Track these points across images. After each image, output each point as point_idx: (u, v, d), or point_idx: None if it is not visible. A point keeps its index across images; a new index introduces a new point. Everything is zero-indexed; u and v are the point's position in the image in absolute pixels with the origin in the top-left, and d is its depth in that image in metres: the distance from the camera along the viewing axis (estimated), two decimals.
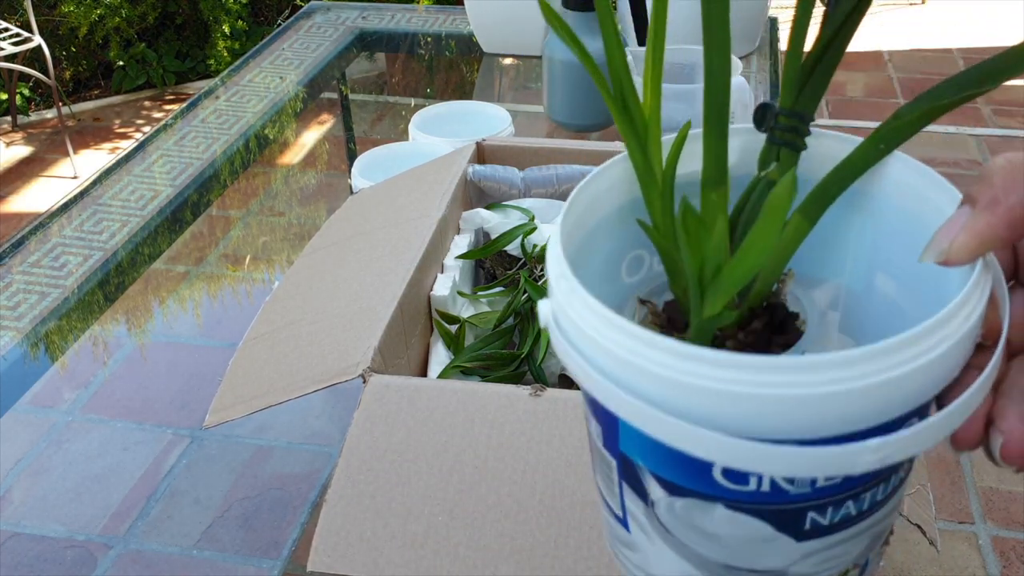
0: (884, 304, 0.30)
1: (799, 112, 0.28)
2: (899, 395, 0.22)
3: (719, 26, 0.26)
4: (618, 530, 0.29)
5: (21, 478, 0.72)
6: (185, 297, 0.93)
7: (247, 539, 0.67)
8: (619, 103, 0.28)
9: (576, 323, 0.24)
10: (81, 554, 0.66)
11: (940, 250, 0.26)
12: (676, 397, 0.22)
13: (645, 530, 0.27)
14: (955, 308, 0.23)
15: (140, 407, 0.79)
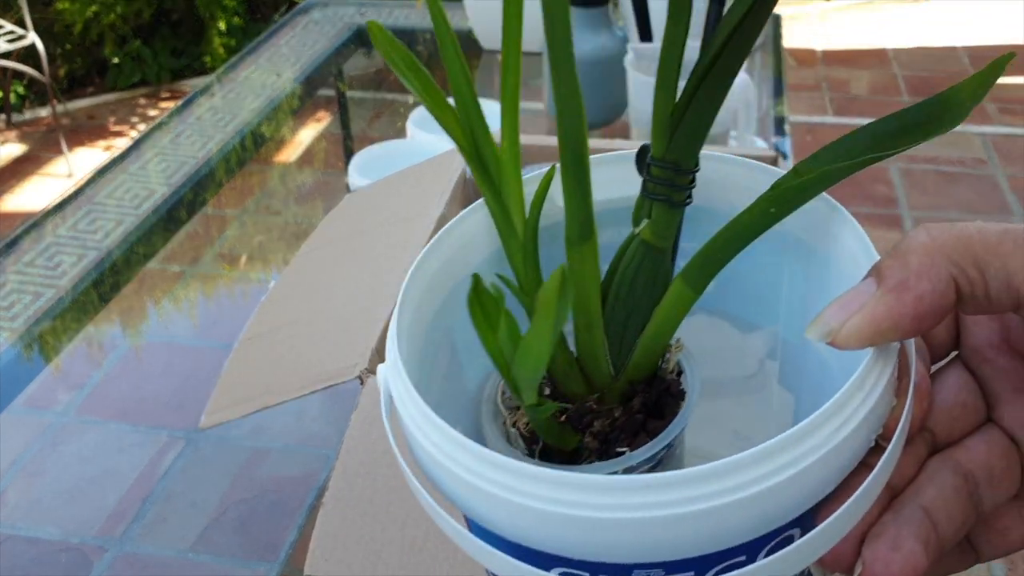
0: (817, 361, 0.27)
1: (671, 161, 0.23)
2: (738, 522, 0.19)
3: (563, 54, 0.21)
4: None
5: (15, 480, 0.72)
6: (180, 297, 0.92)
7: (243, 542, 0.66)
8: (472, 152, 0.24)
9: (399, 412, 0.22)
10: (76, 557, 0.66)
11: (827, 329, 0.21)
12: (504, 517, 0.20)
13: None
14: (827, 413, 0.20)
15: (135, 408, 0.78)
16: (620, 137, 1.05)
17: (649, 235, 0.24)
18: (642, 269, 0.24)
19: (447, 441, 0.21)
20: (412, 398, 0.22)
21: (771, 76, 1.25)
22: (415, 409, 0.22)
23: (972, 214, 1.07)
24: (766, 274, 0.27)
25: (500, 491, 0.20)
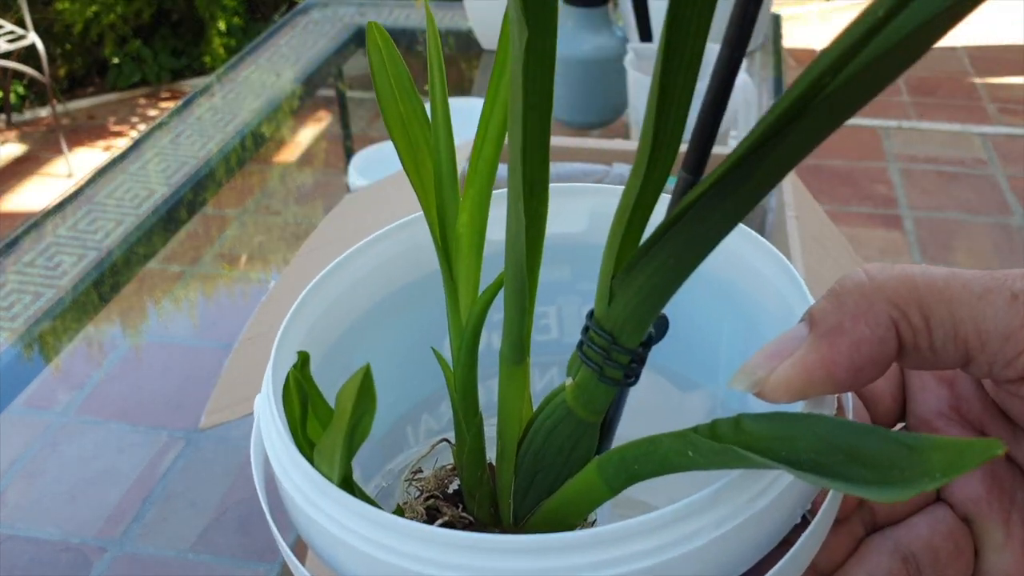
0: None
1: (608, 331, 0.19)
2: None
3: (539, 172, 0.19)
4: None
5: (15, 480, 0.71)
6: (180, 297, 0.92)
7: (243, 542, 0.66)
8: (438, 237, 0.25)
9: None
10: (76, 557, 0.66)
11: (754, 379, 0.19)
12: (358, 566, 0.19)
13: None
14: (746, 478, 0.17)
15: (135, 408, 0.78)
16: (620, 137, 1.05)
17: (573, 401, 0.20)
18: (558, 432, 0.21)
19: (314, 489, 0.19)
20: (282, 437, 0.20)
21: (771, 76, 1.25)
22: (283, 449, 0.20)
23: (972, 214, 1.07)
24: (704, 327, 0.25)
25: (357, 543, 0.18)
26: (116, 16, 2.93)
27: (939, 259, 0.99)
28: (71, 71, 3.09)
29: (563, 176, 0.73)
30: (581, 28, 1.03)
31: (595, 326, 0.19)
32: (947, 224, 1.05)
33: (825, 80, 0.15)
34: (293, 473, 0.20)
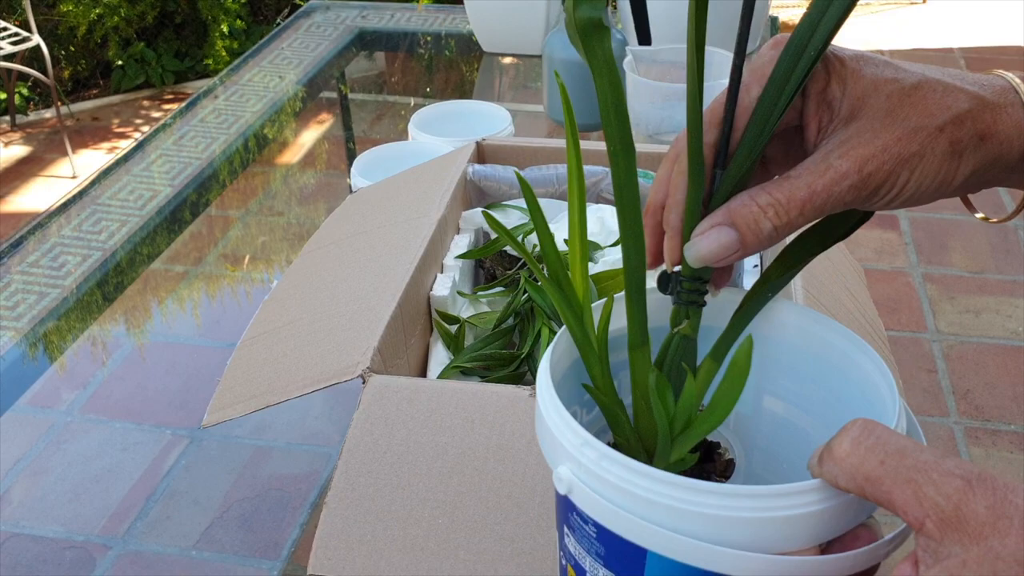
0: (773, 422, 0.35)
1: (699, 277, 0.32)
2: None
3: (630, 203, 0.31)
4: None
5: (20, 478, 0.72)
6: (184, 297, 0.93)
7: (246, 540, 0.67)
8: (554, 286, 0.32)
9: (610, 481, 0.28)
10: (80, 555, 0.66)
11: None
12: (703, 529, 0.26)
13: None
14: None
15: (139, 407, 0.79)
16: None
17: (689, 331, 0.33)
18: (686, 354, 0.33)
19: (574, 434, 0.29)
20: (555, 403, 0.30)
21: None
22: (555, 410, 0.30)
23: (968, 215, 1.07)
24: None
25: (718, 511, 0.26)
26: (120, 18, 2.94)
27: (935, 260, 0.99)
28: (75, 73, 3.10)
29: (562, 178, 0.74)
30: None
31: (688, 279, 0.32)
32: (943, 225, 1.06)
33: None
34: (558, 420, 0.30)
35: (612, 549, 0.29)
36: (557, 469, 0.29)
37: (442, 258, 0.66)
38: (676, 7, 1.19)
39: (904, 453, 0.25)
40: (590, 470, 0.28)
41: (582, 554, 0.30)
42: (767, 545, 0.26)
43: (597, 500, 0.28)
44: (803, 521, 0.26)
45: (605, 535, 0.28)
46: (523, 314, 0.63)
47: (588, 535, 0.29)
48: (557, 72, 1.06)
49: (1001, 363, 0.86)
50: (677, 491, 0.26)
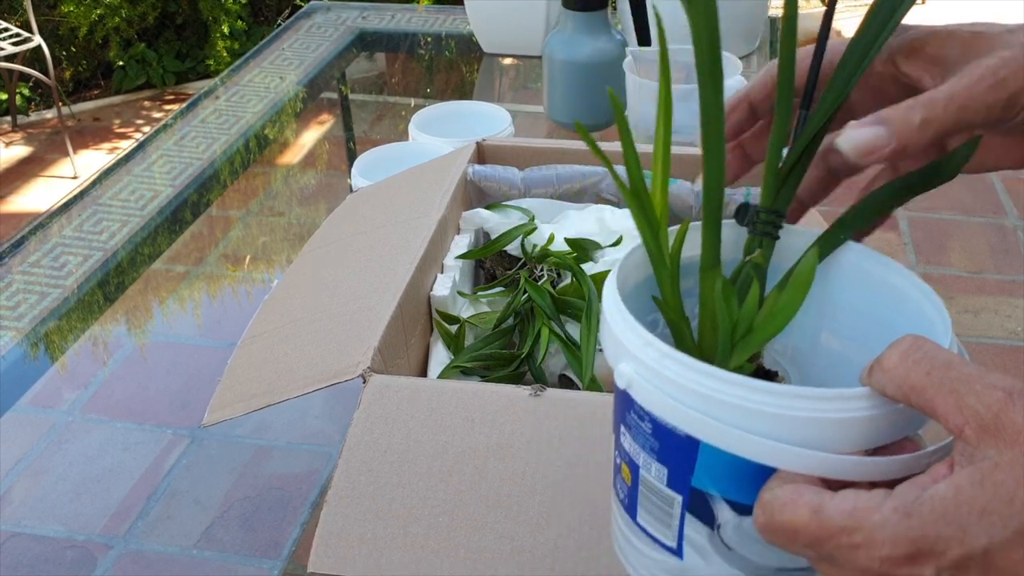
0: (829, 357, 0.37)
1: (776, 210, 0.35)
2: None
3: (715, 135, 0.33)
4: (665, 561, 0.33)
5: (21, 478, 0.72)
6: (185, 297, 0.93)
7: (247, 539, 0.67)
8: (635, 200, 0.33)
9: (670, 378, 0.29)
10: (81, 554, 0.66)
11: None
12: (756, 425, 0.28)
13: (703, 552, 0.31)
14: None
15: (140, 407, 0.79)
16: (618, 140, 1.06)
17: (760, 260, 0.35)
18: (754, 282, 0.35)
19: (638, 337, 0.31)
20: (620, 308, 0.32)
21: None
22: (619, 314, 0.32)
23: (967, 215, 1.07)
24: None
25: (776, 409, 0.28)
26: (121, 19, 2.94)
27: (934, 260, 0.99)
28: (76, 73, 3.10)
29: (562, 178, 0.74)
30: (580, 32, 1.04)
31: (767, 211, 0.35)
32: (942, 225, 1.06)
33: None
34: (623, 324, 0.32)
35: (666, 443, 0.30)
36: (619, 366, 0.31)
37: (442, 258, 0.67)
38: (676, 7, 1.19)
39: (950, 366, 0.26)
40: (651, 368, 0.30)
41: (637, 451, 0.32)
42: (816, 445, 0.27)
43: (656, 395, 0.30)
44: (851, 425, 0.27)
45: (660, 430, 0.30)
46: (523, 314, 0.63)
47: (644, 432, 0.31)
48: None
49: (1000, 363, 0.86)
50: (735, 388, 0.28)
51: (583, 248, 0.67)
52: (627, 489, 0.34)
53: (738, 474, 0.29)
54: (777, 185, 0.35)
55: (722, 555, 0.31)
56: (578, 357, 0.60)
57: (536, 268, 0.67)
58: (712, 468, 0.29)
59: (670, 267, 0.34)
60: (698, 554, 0.31)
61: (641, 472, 0.32)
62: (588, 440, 0.46)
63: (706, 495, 0.30)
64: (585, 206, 0.72)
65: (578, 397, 0.49)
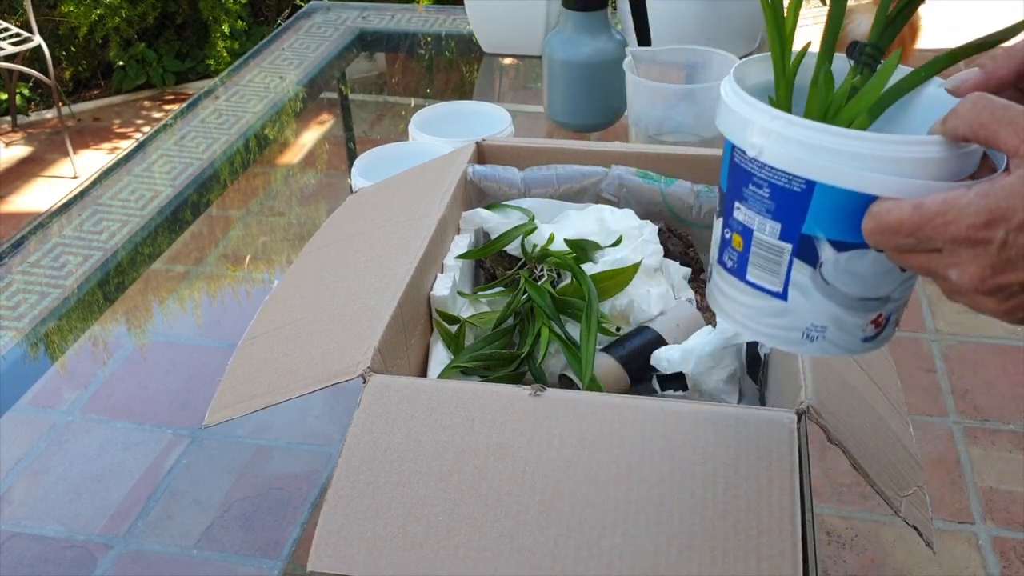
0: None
1: (879, 46, 0.41)
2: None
3: None
4: (772, 306, 0.41)
5: (21, 478, 0.72)
6: (185, 297, 0.93)
7: (247, 539, 0.67)
8: (772, 16, 0.41)
9: (791, 137, 0.37)
10: (81, 554, 0.66)
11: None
12: (857, 163, 0.36)
13: (805, 291, 0.40)
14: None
15: (140, 407, 0.79)
16: (619, 140, 1.06)
17: (859, 84, 0.41)
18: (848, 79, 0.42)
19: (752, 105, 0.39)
20: (745, 96, 0.40)
21: None
22: (746, 100, 0.39)
23: None
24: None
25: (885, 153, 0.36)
26: (121, 19, 2.94)
27: None
28: (76, 73, 3.10)
29: (562, 178, 0.74)
30: (580, 32, 1.04)
31: (872, 46, 0.41)
32: None
33: None
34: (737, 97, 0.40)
35: (782, 201, 0.38)
36: (750, 139, 0.38)
37: (442, 258, 0.67)
38: (676, 7, 1.19)
39: (1008, 108, 0.34)
40: (780, 134, 0.37)
41: (752, 217, 0.40)
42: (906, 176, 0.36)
43: (783, 154, 0.38)
44: (930, 162, 0.36)
45: (778, 191, 0.38)
46: (523, 314, 0.63)
47: (761, 197, 0.39)
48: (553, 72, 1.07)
49: (1000, 363, 0.86)
50: (845, 138, 0.36)
51: (583, 248, 0.67)
52: (738, 255, 0.41)
53: (842, 213, 0.37)
54: (883, 26, 0.41)
55: (820, 290, 0.39)
56: (578, 357, 0.60)
57: (536, 268, 0.67)
58: (821, 212, 0.37)
59: (787, 73, 0.42)
60: (801, 293, 0.40)
61: (755, 234, 0.40)
62: (588, 440, 0.47)
63: (813, 239, 0.38)
64: (585, 206, 0.72)
65: (578, 397, 0.49)
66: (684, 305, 0.66)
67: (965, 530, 0.72)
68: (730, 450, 0.45)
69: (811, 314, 0.40)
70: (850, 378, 0.53)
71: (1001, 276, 0.34)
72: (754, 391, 0.62)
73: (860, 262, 0.38)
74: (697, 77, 0.96)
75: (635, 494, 0.44)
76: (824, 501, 0.73)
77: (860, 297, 0.39)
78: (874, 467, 0.47)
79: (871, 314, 0.40)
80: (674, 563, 0.42)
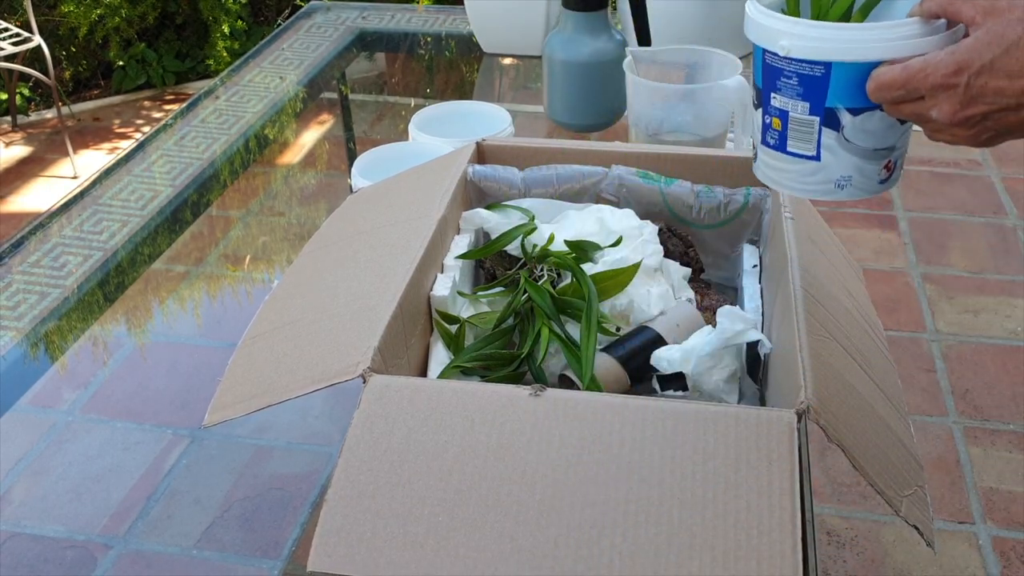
0: None
1: None
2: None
3: None
4: (808, 166, 0.52)
5: (21, 478, 0.72)
6: (185, 297, 0.93)
7: (247, 539, 0.67)
8: None
9: (814, 35, 0.48)
10: (81, 554, 0.66)
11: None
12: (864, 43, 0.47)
13: (833, 151, 0.51)
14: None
15: (140, 407, 0.79)
16: (619, 139, 1.06)
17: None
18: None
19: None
20: (769, 11, 0.50)
21: None
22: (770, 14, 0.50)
23: (966, 215, 1.07)
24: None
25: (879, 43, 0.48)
26: (121, 19, 2.94)
27: (934, 260, 0.99)
28: (76, 73, 3.10)
29: (562, 178, 0.74)
30: (580, 32, 1.04)
31: None
32: (942, 225, 1.06)
33: None
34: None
35: (808, 86, 0.49)
36: (779, 42, 0.49)
37: (442, 258, 0.67)
38: (676, 7, 1.19)
39: None
40: (802, 34, 0.48)
41: (785, 102, 0.51)
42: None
43: (807, 48, 0.48)
44: (911, 35, 0.47)
45: (804, 79, 0.49)
46: (523, 314, 0.63)
47: (791, 86, 0.50)
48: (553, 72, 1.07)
49: (1000, 363, 0.86)
50: (851, 30, 0.48)
51: (583, 248, 0.67)
52: (778, 134, 0.52)
53: (853, 85, 0.48)
54: None
55: (844, 148, 0.51)
56: (578, 357, 0.60)
57: (536, 268, 0.67)
58: (838, 87, 0.48)
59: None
60: (830, 153, 0.51)
61: (790, 115, 0.51)
62: (588, 440, 0.47)
63: (835, 110, 0.49)
64: (585, 206, 0.72)
65: (578, 397, 0.49)
66: (684, 305, 0.66)
67: (965, 530, 0.72)
68: (730, 450, 0.45)
69: (839, 168, 0.52)
70: (850, 378, 0.53)
71: (968, 109, 0.45)
72: (754, 391, 0.62)
73: (870, 121, 0.50)
74: (697, 77, 0.96)
75: (635, 494, 0.44)
76: (824, 501, 0.73)
77: (874, 148, 0.51)
78: (874, 467, 0.47)
79: (883, 161, 0.52)
80: (674, 563, 0.42)
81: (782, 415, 0.47)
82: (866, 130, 0.50)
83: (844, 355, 0.54)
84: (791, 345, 0.52)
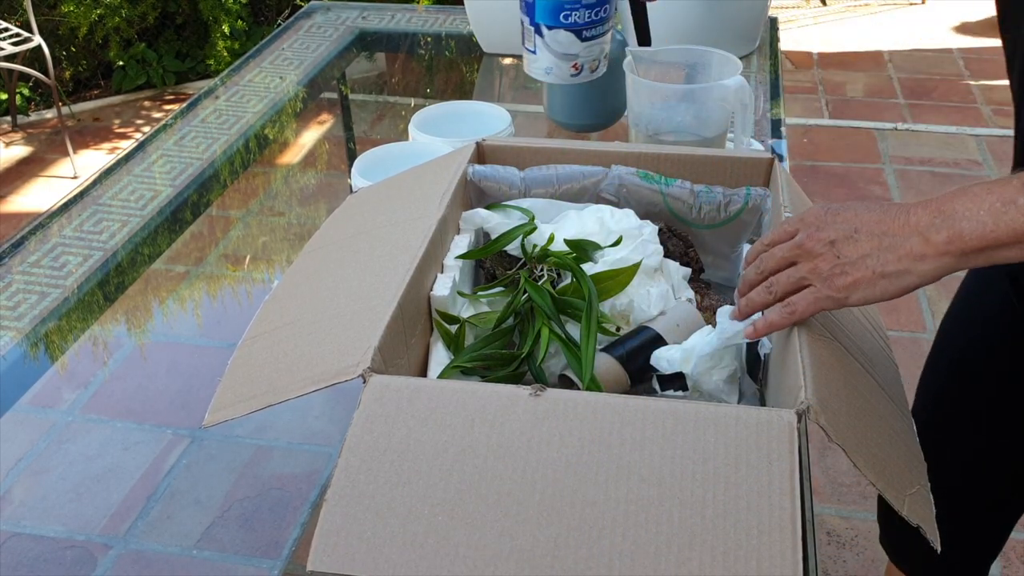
0: None
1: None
2: None
3: None
4: (531, 57, 0.78)
5: (21, 478, 0.72)
6: (185, 297, 0.93)
7: (247, 539, 0.67)
8: None
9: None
10: (81, 554, 0.66)
11: None
12: None
13: (541, 49, 0.80)
14: None
15: (140, 407, 0.79)
16: (619, 139, 1.06)
17: None
18: None
19: None
20: None
21: (768, 79, 1.25)
22: None
23: None
24: None
25: None
26: (121, 19, 2.94)
27: None
28: (76, 73, 3.10)
29: (562, 178, 0.74)
30: None
31: None
32: None
33: None
34: None
35: (527, 7, 0.62)
36: None
37: (442, 258, 0.67)
38: (676, 8, 1.19)
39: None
40: None
41: (522, 17, 0.58)
42: None
43: None
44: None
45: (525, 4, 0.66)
46: (523, 314, 0.63)
47: (524, 4, 0.59)
48: None
49: None
50: None
51: (583, 248, 0.67)
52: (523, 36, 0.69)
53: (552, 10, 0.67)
54: None
55: (547, 48, 0.74)
56: (578, 357, 0.60)
57: (536, 268, 0.67)
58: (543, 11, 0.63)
59: None
60: (541, 50, 0.67)
61: (523, 23, 0.66)
62: (588, 440, 0.47)
63: (539, 24, 0.70)
64: (585, 206, 0.72)
65: (578, 397, 0.49)
66: (684, 305, 0.66)
67: None
68: (730, 450, 0.45)
69: (545, 61, 0.70)
70: (851, 377, 0.53)
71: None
72: (754, 391, 0.62)
73: (559, 35, 0.63)
74: (697, 77, 0.96)
75: (635, 494, 0.44)
76: (824, 501, 0.73)
77: (563, 53, 0.73)
78: (875, 466, 0.47)
79: (571, 62, 0.73)
80: (674, 563, 0.42)
81: (782, 415, 0.47)
82: (557, 40, 0.81)
83: (845, 355, 0.54)
84: (791, 345, 0.52)
